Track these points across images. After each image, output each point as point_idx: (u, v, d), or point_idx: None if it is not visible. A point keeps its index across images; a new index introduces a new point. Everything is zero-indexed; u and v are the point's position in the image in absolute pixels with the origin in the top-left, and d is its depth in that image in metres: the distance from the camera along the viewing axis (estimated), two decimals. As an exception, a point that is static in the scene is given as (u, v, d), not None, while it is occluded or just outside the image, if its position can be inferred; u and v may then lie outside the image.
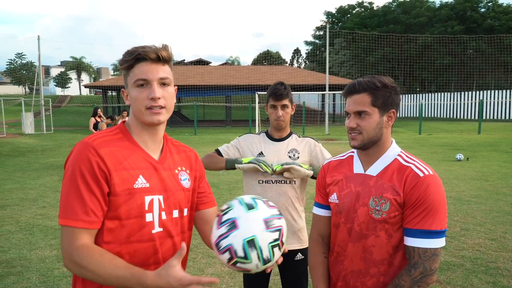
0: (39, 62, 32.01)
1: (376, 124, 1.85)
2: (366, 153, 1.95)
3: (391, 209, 1.81)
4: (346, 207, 1.94)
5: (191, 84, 34.50)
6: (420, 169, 1.83)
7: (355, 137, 1.87)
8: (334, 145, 19.67)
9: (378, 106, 1.83)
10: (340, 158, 2.14)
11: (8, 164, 13.80)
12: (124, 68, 1.62)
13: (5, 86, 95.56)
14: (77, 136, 25.39)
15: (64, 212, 1.50)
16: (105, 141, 1.58)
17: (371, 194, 1.86)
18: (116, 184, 1.54)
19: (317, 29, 66.58)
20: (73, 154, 1.56)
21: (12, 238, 6.10)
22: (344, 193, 1.97)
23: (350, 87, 1.88)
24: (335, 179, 2.05)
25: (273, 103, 2.93)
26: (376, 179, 1.88)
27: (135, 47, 1.63)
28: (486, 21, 49.77)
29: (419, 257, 1.75)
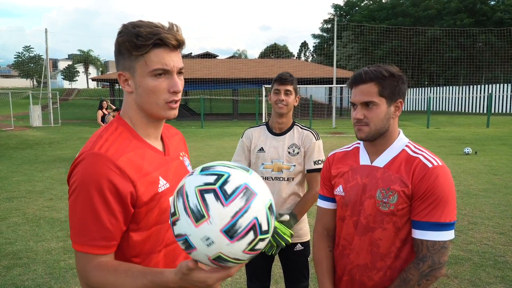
0: (47, 55, 32.10)
1: (383, 115, 1.80)
2: (373, 144, 1.89)
3: (399, 201, 1.76)
4: (352, 199, 1.89)
5: (198, 77, 34.47)
6: (428, 159, 1.78)
7: (362, 128, 1.82)
8: (341, 138, 19.58)
9: (385, 96, 1.78)
10: (346, 149, 2.09)
11: (15, 156, 13.87)
12: (135, 52, 1.38)
13: (13, 79, 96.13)
14: (85, 129, 25.52)
15: (78, 236, 1.32)
16: (118, 148, 1.38)
17: (378, 186, 1.81)
18: (142, 195, 1.38)
19: (325, 22, 66.25)
20: (84, 168, 1.32)
21: (19, 230, 6.13)
22: (350, 185, 1.92)
23: (356, 77, 1.82)
24: (341, 171, 1.99)
25: (276, 87, 2.90)
26: (383, 171, 1.83)
27: (148, 26, 1.38)
28: (496, 14, 49.18)
29: (427, 250, 1.71)
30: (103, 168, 1.31)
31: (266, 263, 3.04)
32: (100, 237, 1.31)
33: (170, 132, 1.73)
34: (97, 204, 1.30)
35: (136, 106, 1.47)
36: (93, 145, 1.37)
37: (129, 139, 1.44)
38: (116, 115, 1.55)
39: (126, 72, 1.43)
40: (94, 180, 1.30)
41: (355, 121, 1.84)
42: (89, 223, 1.30)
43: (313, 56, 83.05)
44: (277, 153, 2.92)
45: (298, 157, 2.91)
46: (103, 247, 1.33)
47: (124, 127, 1.47)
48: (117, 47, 1.43)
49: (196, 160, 12.77)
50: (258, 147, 2.98)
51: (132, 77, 1.43)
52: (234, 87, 37.16)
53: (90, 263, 1.33)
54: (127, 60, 1.41)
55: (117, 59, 1.45)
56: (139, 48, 1.37)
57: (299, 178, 2.94)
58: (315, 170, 2.92)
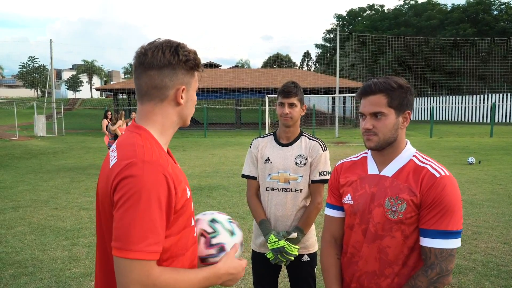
0: (51, 65, 32.34)
1: (392, 125, 1.85)
2: (381, 154, 1.94)
3: (407, 210, 1.80)
4: (361, 208, 1.93)
5: (201, 87, 34.35)
6: (436, 169, 1.82)
7: (371, 138, 1.87)
8: (344, 148, 19.59)
9: (394, 107, 1.83)
10: (353, 159, 2.13)
11: (20, 166, 13.94)
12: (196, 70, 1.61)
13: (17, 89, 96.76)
14: (88, 139, 25.61)
15: (132, 243, 1.30)
16: (161, 156, 1.43)
17: (386, 195, 1.85)
18: (179, 202, 1.44)
19: (328, 32, 66.59)
20: (143, 176, 1.33)
21: (25, 239, 6.16)
22: (359, 194, 1.95)
23: (365, 88, 1.87)
24: (349, 180, 2.03)
25: (281, 101, 2.89)
26: (391, 180, 1.88)
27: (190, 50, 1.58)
28: (499, 24, 49.36)
29: (435, 257, 1.75)
30: (160, 176, 1.36)
31: (272, 272, 3.04)
32: (154, 242, 1.34)
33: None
34: (155, 211, 1.33)
35: (177, 118, 1.59)
36: (141, 153, 1.40)
37: (160, 148, 1.49)
38: (132, 122, 1.59)
39: (184, 86, 1.56)
40: (153, 187, 1.33)
41: (364, 131, 1.89)
42: (147, 230, 1.32)
43: (315, 65, 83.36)
44: (284, 164, 2.91)
45: (305, 168, 2.90)
46: (156, 253, 1.35)
47: (152, 138, 1.51)
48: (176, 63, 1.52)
49: (200, 169, 12.81)
50: (264, 157, 2.97)
51: (186, 91, 1.58)
52: (237, 97, 37.28)
53: (153, 269, 1.34)
54: (186, 76, 1.56)
55: (171, 73, 1.51)
56: (198, 67, 1.61)
57: (307, 189, 2.93)
58: (320, 181, 2.91)
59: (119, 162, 1.39)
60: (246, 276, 4.71)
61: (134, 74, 1.55)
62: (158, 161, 1.38)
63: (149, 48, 1.51)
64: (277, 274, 3.08)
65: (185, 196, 1.49)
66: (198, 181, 10.82)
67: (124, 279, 1.32)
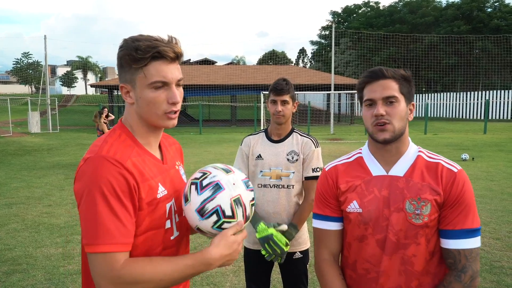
0: (46, 61, 32.16)
1: (404, 114, 1.68)
2: (386, 150, 1.74)
3: (431, 212, 1.63)
4: (373, 215, 1.69)
5: (197, 83, 34.55)
6: (450, 164, 1.70)
7: (386, 127, 1.65)
8: (340, 145, 19.63)
9: (404, 94, 1.69)
10: (346, 160, 1.88)
11: (14, 163, 13.89)
12: (134, 65, 1.43)
13: (11, 85, 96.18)
14: (83, 135, 25.53)
15: (96, 237, 1.30)
16: (124, 153, 1.42)
17: (405, 197, 1.65)
18: (143, 198, 1.42)
19: (323, 28, 66.51)
20: (94, 170, 1.35)
21: (18, 236, 6.15)
22: (368, 199, 1.71)
23: (376, 72, 1.69)
24: (352, 184, 1.77)
25: (273, 98, 2.89)
26: (405, 180, 1.68)
27: (146, 40, 1.43)
28: (493, 21, 49.46)
29: (466, 259, 1.61)
30: (113, 168, 1.35)
31: (265, 269, 3.05)
32: (120, 234, 1.33)
33: (168, 141, 1.78)
34: (113, 203, 1.32)
35: (137, 116, 1.52)
36: (100, 149, 1.40)
37: (131, 146, 1.48)
38: (118, 121, 1.59)
39: (127, 84, 1.48)
40: (105, 180, 1.33)
41: (374, 120, 1.67)
42: (108, 223, 1.31)
43: (311, 62, 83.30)
44: (276, 160, 2.91)
45: (297, 164, 2.90)
46: (124, 244, 1.34)
47: (127, 135, 1.51)
48: (118, 61, 1.47)
49: (195, 166, 12.79)
50: (256, 154, 2.97)
51: (133, 89, 1.48)
52: (232, 93, 37.25)
53: (118, 262, 1.32)
54: (127, 73, 1.46)
55: (119, 71, 1.50)
56: (138, 61, 1.42)
57: (299, 185, 2.94)
58: (313, 177, 2.91)
59: (83, 159, 1.42)
60: (240, 272, 4.73)
61: None
62: (114, 156, 1.38)
63: None
64: (270, 271, 3.09)
65: (153, 194, 1.47)
66: (193, 177, 10.81)
67: (92, 274, 1.34)
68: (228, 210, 1.48)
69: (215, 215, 1.47)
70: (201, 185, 1.50)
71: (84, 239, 1.34)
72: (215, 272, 4.78)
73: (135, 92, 1.47)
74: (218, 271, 4.82)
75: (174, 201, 1.59)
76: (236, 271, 4.82)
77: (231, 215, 1.49)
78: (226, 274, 4.76)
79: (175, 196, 1.60)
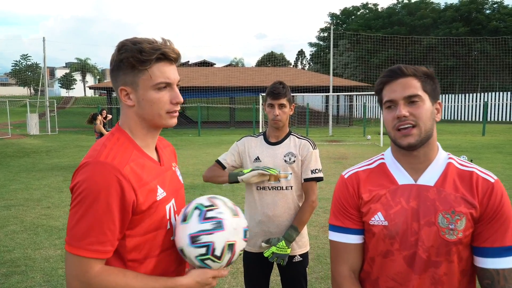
0: (44, 63, 32.17)
1: (430, 113, 1.50)
2: (414, 156, 1.55)
3: (466, 226, 1.46)
4: (400, 229, 1.52)
5: (195, 85, 34.56)
6: (485, 173, 1.53)
7: (410, 131, 1.48)
8: (338, 146, 19.64)
9: (428, 92, 1.51)
10: (367, 167, 1.70)
11: (13, 164, 13.88)
12: (140, 66, 1.44)
13: (10, 87, 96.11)
14: (82, 137, 25.52)
15: (76, 239, 1.35)
16: (122, 158, 1.43)
17: (437, 210, 1.48)
18: (142, 203, 1.43)
19: (322, 30, 66.64)
20: (92, 176, 1.36)
21: (17, 238, 6.15)
22: (394, 211, 1.54)
23: (394, 70, 1.54)
24: (376, 194, 1.60)
25: (270, 102, 2.89)
26: (437, 190, 1.51)
27: (147, 42, 1.45)
28: (491, 23, 49.58)
29: (505, 280, 1.44)
30: (111, 176, 1.36)
31: (264, 271, 3.05)
32: (98, 243, 1.35)
33: (163, 143, 1.79)
34: (101, 211, 1.34)
35: (137, 118, 1.53)
36: (98, 154, 1.41)
37: (130, 149, 1.50)
38: (116, 125, 1.60)
39: (127, 87, 1.49)
40: (102, 187, 1.35)
41: (396, 123, 1.50)
42: (90, 229, 1.34)
43: (309, 64, 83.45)
44: (273, 162, 2.92)
45: (294, 165, 2.91)
46: (98, 252, 1.36)
47: (125, 138, 1.52)
48: (116, 63, 1.48)
49: (194, 168, 12.81)
50: (254, 156, 2.98)
51: (134, 91, 1.49)
52: (231, 95, 37.26)
53: (92, 268, 1.35)
54: (128, 76, 1.47)
55: (115, 74, 1.50)
56: (143, 63, 1.43)
57: (297, 187, 2.95)
58: (312, 179, 2.92)
59: (81, 163, 1.43)
60: (238, 275, 4.73)
61: None
62: (112, 162, 1.39)
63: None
64: (269, 273, 3.09)
65: (152, 197, 1.49)
66: (192, 179, 10.83)
67: (66, 271, 1.39)
68: (219, 251, 1.49)
69: (205, 249, 1.48)
70: (204, 215, 1.51)
71: (67, 236, 1.38)
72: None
73: (136, 94, 1.48)
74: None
75: (174, 201, 1.61)
76: (234, 273, 4.82)
77: (218, 256, 1.50)
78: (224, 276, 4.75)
79: (174, 197, 1.62)
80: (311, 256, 5.14)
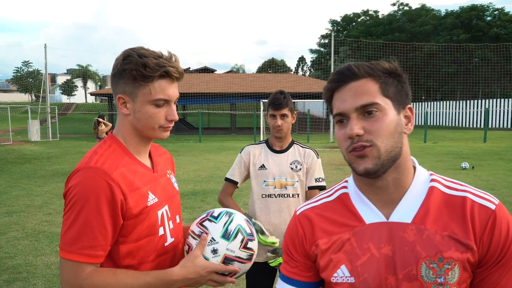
0: (46, 70, 32.21)
1: (394, 126, 1.09)
2: (381, 186, 1.14)
3: (461, 278, 1.07)
4: (372, 286, 1.11)
5: (196, 91, 34.60)
6: (483, 197, 1.13)
7: (366, 152, 1.08)
8: (339, 153, 19.56)
9: (391, 96, 1.12)
10: (325, 199, 1.28)
11: (14, 171, 13.88)
12: (142, 81, 1.46)
13: (11, 93, 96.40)
14: (83, 143, 25.52)
15: (68, 245, 1.37)
16: (112, 163, 1.45)
17: (419, 257, 1.07)
18: (132, 208, 1.45)
19: (322, 37, 66.86)
20: (82, 181, 1.38)
21: (18, 244, 6.14)
22: (362, 262, 1.13)
23: (343, 72, 1.14)
24: (337, 239, 1.18)
25: (272, 113, 2.90)
26: (416, 229, 1.10)
27: (153, 57, 1.46)
28: (492, 30, 49.72)
29: None
30: (100, 181, 1.39)
31: (266, 280, 3.03)
32: (90, 247, 1.37)
33: (159, 151, 1.81)
34: (91, 215, 1.36)
35: (131, 127, 1.55)
36: (89, 160, 1.45)
37: (122, 156, 1.52)
38: (109, 133, 1.64)
39: (126, 96, 1.51)
40: (91, 192, 1.37)
41: (349, 144, 1.10)
42: (81, 234, 1.36)
43: (310, 70, 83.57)
44: (279, 170, 2.93)
45: (300, 173, 2.93)
46: (89, 256, 1.37)
47: (117, 145, 1.55)
48: (119, 71, 1.49)
49: (195, 174, 12.80)
50: (259, 164, 2.98)
51: (131, 102, 1.51)
52: (232, 102, 37.26)
53: (83, 271, 1.38)
54: (128, 86, 1.49)
55: (116, 81, 1.52)
56: (145, 78, 1.45)
57: (303, 195, 2.96)
58: (316, 187, 2.96)
59: (74, 169, 1.46)
60: (240, 281, 4.71)
61: None
62: (102, 167, 1.41)
63: (117, 56, 1.53)
64: (272, 282, 3.06)
65: (143, 203, 1.50)
66: (193, 186, 10.81)
67: (60, 278, 1.42)
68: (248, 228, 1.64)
69: (240, 234, 1.60)
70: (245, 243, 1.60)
71: (60, 242, 1.40)
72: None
73: (133, 104, 1.51)
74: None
75: (167, 207, 1.62)
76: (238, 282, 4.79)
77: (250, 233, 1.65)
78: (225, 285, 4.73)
79: (168, 203, 1.64)
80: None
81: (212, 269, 1.51)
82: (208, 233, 1.56)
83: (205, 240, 1.54)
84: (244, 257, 1.57)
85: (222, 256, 1.53)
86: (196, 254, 1.51)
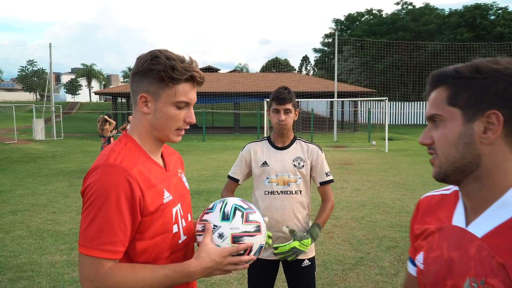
0: (50, 69, 32.37)
1: (456, 137, 1.08)
2: (464, 192, 1.15)
3: None
4: (431, 281, 1.17)
5: (200, 91, 34.60)
6: None
7: (432, 160, 1.15)
8: (343, 152, 19.62)
9: (459, 104, 1.08)
10: (443, 192, 1.33)
11: (19, 170, 13.94)
12: (170, 83, 1.51)
13: (16, 92, 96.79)
14: (87, 142, 25.61)
15: (88, 241, 1.38)
16: (130, 161, 1.48)
17: (468, 271, 1.06)
18: (149, 205, 1.48)
19: (326, 36, 66.66)
20: (101, 178, 1.41)
21: (23, 243, 6.17)
22: (433, 256, 1.19)
23: (428, 81, 1.21)
24: (426, 229, 1.26)
25: (276, 107, 2.89)
26: (480, 246, 1.06)
27: (179, 60, 1.52)
28: (496, 28, 49.55)
29: None
30: (120, 177, 1.41)
31: (269, 277, 3.03)
32: (110, 243, 1.39)
33: (169, 151, 1.84)
34: (111, 211, 1.39)
35: (149, 126, 1.59)
36: (107, 157, 1.47)
37: (138, 154, 1.55)
38: (123, 132, 1.67)
39: (149, 95, 1.54)
40: (111, 188, 1.39)
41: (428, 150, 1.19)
42: (102, 230, 1.38)
43: (314, 70, 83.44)
44: (282, 166, 2.92)
45: (303, 170, 2.93)
46: (110, 252, 1.39)
47: (132, 143, 1.58)
48: (145, 71, 1.52)
49: (198, 174, 12.83)
50: (261, 161, 2.98)
51: (153, 101, 1.54)
52: (235, 101, 37.32)
53: (103, 267, 1.39)
54: (153, 86, 1.52)
55: (139, 79, 1.54)
56: (173, 80, 1.50)
57: (306, 191, 2.97)
58: (327, 181, 2.99)
59: (91, 167, 1.48)
60: (244, 280, 4.73)
61: None
62: (121, 164, 1.44)
63: (141, 55, 1.57)
64: (274, 279, 3.07)
65: (159, 200, 1.53)
66: (197, 185, 10.84)
67: (80, 274, 1.42)
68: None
69: (238, 210, 1.62)
70: (247, 217, 1.61)
71: (79, 238, 1.42)
72: (219, 280, 4.78)
73: (155, 104, 1.54)
74: (222, 278, 4.82)
75: (180, 206, 1.66)
76: (241, 278, 4.81)
77: (248, 207, 1.66)
78: (230, 282, 4.76)
79: (180, 201, 1.67)
80: (317, 262, 5.13)
81: (226, 253, 1.51)
82: (210, 223, 1.59)
83: (209, 229, 1.56)
84: (252, 230, 1.58)
85: (230, 237, 1.54)
86: (206, 242, 1.52)
